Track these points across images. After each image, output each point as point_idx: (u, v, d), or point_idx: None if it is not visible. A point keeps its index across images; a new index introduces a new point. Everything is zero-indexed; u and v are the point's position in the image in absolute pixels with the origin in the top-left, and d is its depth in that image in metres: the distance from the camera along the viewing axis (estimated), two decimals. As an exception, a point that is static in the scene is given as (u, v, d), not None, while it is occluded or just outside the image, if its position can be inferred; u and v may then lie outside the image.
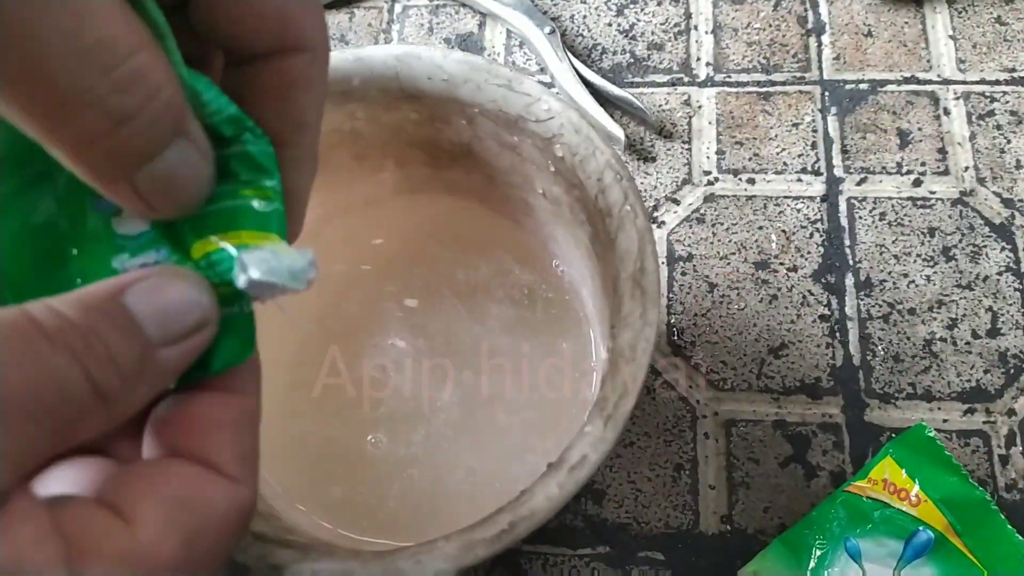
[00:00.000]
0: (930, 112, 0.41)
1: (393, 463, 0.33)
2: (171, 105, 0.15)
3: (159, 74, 0.14)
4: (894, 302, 0.38)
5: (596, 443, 0.23)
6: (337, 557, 0.23)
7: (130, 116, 0.14)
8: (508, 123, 0.29)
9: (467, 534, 0.22)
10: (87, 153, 0.14)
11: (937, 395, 0.36)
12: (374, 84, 0.29)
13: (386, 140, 0.32)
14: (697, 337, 0.38)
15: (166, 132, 0.15)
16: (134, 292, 0.15)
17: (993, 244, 0.38)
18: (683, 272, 0.39)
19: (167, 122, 0.15)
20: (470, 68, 0.28)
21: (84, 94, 0.13)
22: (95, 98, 0.13)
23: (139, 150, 0.14)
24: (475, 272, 0.36)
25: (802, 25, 0.44)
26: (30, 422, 0.13)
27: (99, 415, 0.14)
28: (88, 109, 0.13)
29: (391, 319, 0.35)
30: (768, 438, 0.36)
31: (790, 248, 0.39)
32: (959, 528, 0.32)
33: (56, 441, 0.14)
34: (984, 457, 0.35)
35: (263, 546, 0.23)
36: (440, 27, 0.47)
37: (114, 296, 0.15)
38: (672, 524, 0.35)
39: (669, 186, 0.41)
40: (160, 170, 0.15)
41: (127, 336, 0.15)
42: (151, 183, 0.15)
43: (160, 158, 0.15)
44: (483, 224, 0.35)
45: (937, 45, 0.43)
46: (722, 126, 0.42)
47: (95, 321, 0.14)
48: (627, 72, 0.44)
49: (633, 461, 0.36)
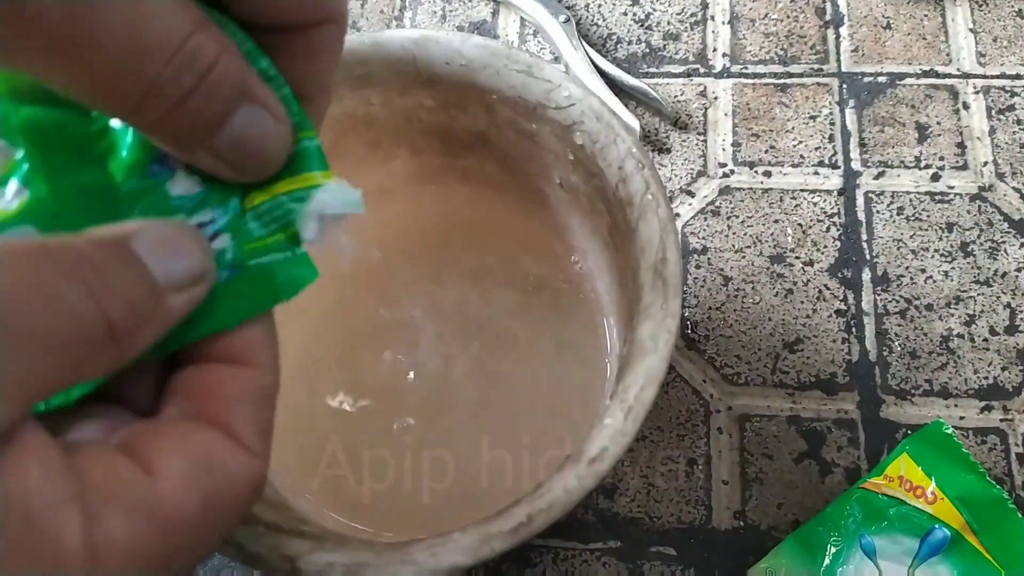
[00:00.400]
0: (949, 106, 0.41)
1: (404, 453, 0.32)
2: (228, 75, 0.16)
3: (212, 50, 0.15)
4: (911, 297, 0.37)
5: (616, 435, 0.22)
6: (351, 548, 0.23)
7: (189, 93, 0.15)
8: (527, 110, 0.28)
9: (484, 526, 0.22)
10: (162, 130, 0.16)
11: (954, 392, 0.35)
12: (390, 68, 0.29)
13: (400, 127, 0.32)
14: (711, 331, 0.37)
15: (229, 101, 0.16)
16: (140, 238, 0.15)
17: (1012, 240, 0.38)
18: (697, 265, 0.39)
19: (228, 92, 0.16)
20: (489, 53, 0.28)
21: (151, 84, 0.15)
22: (160, 85, 0.15)
23: (207, 121, 0.16)
24: (488, 262, 0.35)
25: (820, 16, 0.44)
26: (39, 353, 0.13)
27: (109, 352, 0.14)
28: (155, 96, 0.15)
29: (403, 308, 0.35)
30: (782, 434, 0.35)
31: (806, 242, 0.39)
32: (975, 526, 0.32)
33: (64, 377, 0.14)
34: (1001, 455, 0.34)
35: (276, 536, 0.23)
36: (453, 14, 0.46)
37: (121, 240, 0.15)
38: (685, 519, 0.34)
39: (684, 178, 0.41)
40: (232, 135, 0.16)
41: (137, 276, 0.15)
42: (227, 148, 0.16)
43: (229, 125, 0.16)
44: (498, 214, 0.35)
45: (957, 38, 0.42)
46: (738, 118, 0.42)
47: (108, 258, 0.14)
48: (642, 62, 0.43)
49: (646, 455, 0.35)
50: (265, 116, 0.16)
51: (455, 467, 0.32)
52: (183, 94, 0.15)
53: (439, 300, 0.35)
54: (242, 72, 0.16)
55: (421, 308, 0.35)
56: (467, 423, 0.33)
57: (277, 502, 0.27)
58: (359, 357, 0.34)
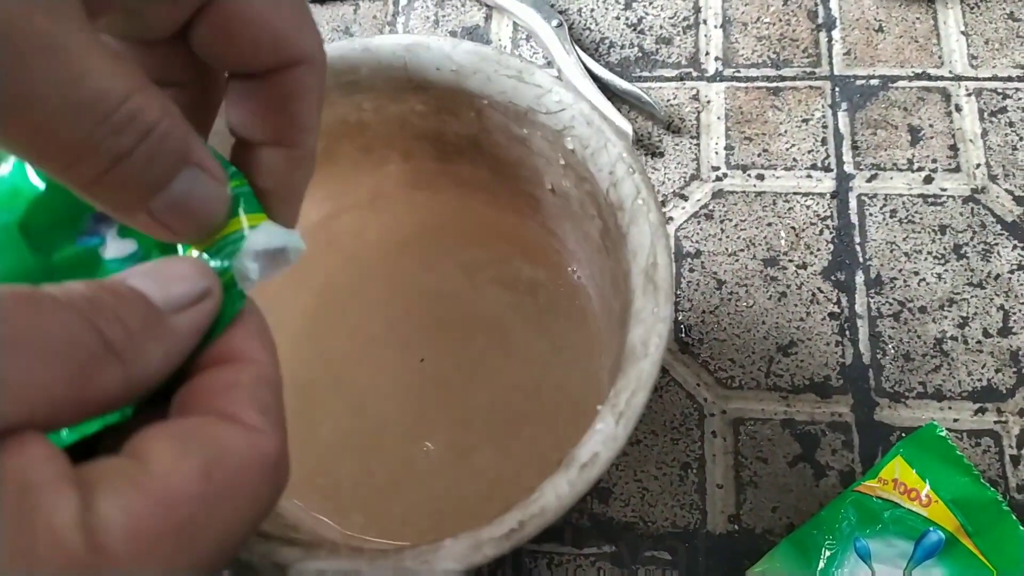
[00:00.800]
0: (941, 109, 0.41)
1: (397, 458, 0.32)
2: (169, 139, 0.16)
3: (154, 112, 0.15)
4: (904, 300, 0.37)
5: (608, 440, 0.22)
6: (343, 555, 0.23)
7: (127, 154, 0.15)
8: (518, 115, 0.28)
9: (475, 533, 0.22)
10: (98, 190, 0.15)
11: (948, 394, 0.35)
12: (381, 74, 0.29)
13: (392, 132, 0.32)
14: (705, 334, 0.37)
15: (170, 163, 0.16)
16: (135, 274, 0.16)
17: (1005, 242, 0.38)
18: (691, 269, 0.39)
19: (169, 154, 0.16)
20: (479, 58, 0.28)
21: (86, 141, 0.15)
22: (96, 143, 0.15)
23: (146, 182, 0.16)
24: (480, 267, 0.35)
25: (812, 20, 0.44)
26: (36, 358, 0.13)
27: (113, 368, 0.14)
28: (91, 154, 0.15)
29: (396, 311, 0.35)
30: (776, 437, 0.35)
31: (799, 245, 0.39)
32: (970, 529, 0.32)
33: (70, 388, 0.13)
34: (995, 457, 0.34)
35: (267, 543, 0.23)
36: (446, 20, 0.46)
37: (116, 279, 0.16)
38: (679, 523, 0.34)
39: (677, 181, 0.41)
40: (172, 198, 0.16)
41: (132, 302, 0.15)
42: (166, 210, 0.16)
43: (169, 188, 0.16)
44: (490, 219, 0.35)
45: (949, 41, 0.43)
46: (731, 121, 0.42)
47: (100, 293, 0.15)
48: (635, 66, 0.44)
49: (640, 459, 0.35)
50: (206, 179, 0.17)
51: (449, 471, 0.32)
52: (120, 154, 0.15)
53: (432, 302, 0.35)
54: (184, 134, 0.16)
55: (414, 311, 0.35)
56: (461, 427, 0.33)
57: (269, 509, 0.27)
58: (349, 361, 0.34)
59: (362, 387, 0.34)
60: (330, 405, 0.33)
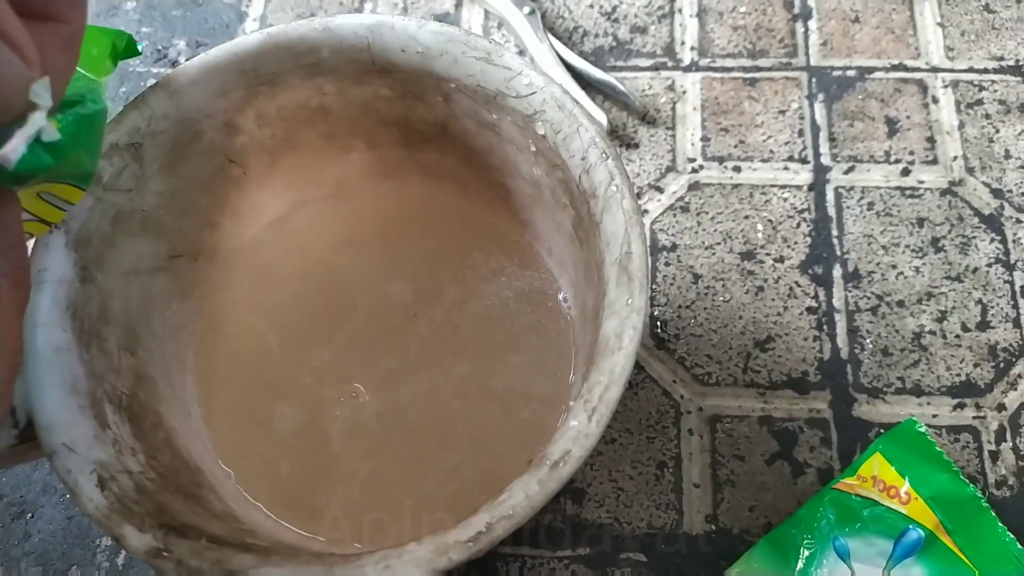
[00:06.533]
0: (918, 100, 0.40)
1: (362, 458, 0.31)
2: None
3: None
4: (882, 294, 0.37)
5: (579, 437, 0.21)
6: (300, 561, 0.21)
7: None
8: (487, 99, 0.27)
9: (440, 536, 0.21)
10: None
11: (926, 390, 0.35)
12: (343, 55, 0.27)
13: (355, 118, 0.31)
14: (681, 330, 0.36)
15: None
16: None
17: (982, 235, 0.37)
18: (667, 262, 0.38)
19: None
20: (446, 40, 0.27)
21: None
22: None
23: None
24: (448, 260, 0.34)
25: (788, 10, 0.43)
26: None
27: None
28: None
29: (360, 305, 0.33)
30: (754, 434, 0.34)
31: (776, 238, 0.38)
32: (950, 526, 0.31)
33: None
34: (974, 453, 0.34)
35: (219, 550, 0.21)
36: (415, 7, 0.45)
37: None
38: (655, 524, 0.33)
39: (652, 173, 0.40)
40: None
41: None
42: None
43: None
44: (459, 210, 0.34)
45: (925, 32, 0.42)
46: (707, 112, 0.41)
47: None
48: (609, 56, 0.43)
49: (615, 459, 0.34)
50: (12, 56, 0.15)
51: (418, 473, 0.31)
52: None
53: (395, 296, 0.33)
54: None
55: (378, 304, 0.33)
56: (427, 423, 0.31)
57: (224, 513, 0.26)
58: (312, 359, 0.32)
59: (326, 388, 0.32)
60: (293, 409, 0.32)
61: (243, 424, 0.31)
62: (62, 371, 0.23)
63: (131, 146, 0.26)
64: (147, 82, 0.45)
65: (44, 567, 0.34)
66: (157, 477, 0.24)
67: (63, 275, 0.25)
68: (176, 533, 0.22)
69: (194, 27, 0.46)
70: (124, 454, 0.23)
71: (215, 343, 0.32)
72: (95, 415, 0.24)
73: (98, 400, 0.24)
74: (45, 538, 0.35)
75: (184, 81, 0.27)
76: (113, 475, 0.22)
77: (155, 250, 0.29)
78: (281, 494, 0.30)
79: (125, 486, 0.22)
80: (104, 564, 0.34)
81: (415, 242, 0.34)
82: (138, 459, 0.24)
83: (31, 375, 0.23)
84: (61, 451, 0.22)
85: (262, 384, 0.32)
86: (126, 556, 0.34)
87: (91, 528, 0.35)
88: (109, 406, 0.24)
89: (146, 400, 0.27)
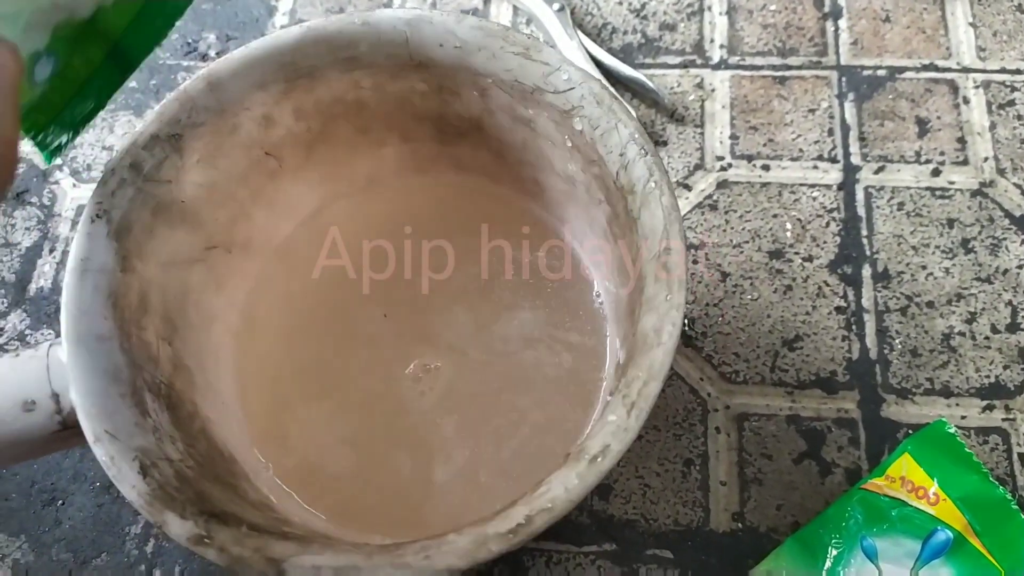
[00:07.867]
0: (949, 101, 0.40)
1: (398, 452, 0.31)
2: None
3: None
4: (912, 294, 0.36)
5: (618, 432, 0.21)
6: (338, 550, 0.21)
7: None
8: (524, 94, 0.27)
9: (480, 527, 0.21)
10: None
11: (955, 391, 0.35)
12: (382, 50, 0.27)
13: (391, 112, 0.31)
14: (709, 328, 0.36)
15: None
16: None
17: (1013, 236, 0.37)
18: (695, 260, 0.38)
19: None
20: (485, 35, 0.27)
21: None
22: None
23: None
24: (479, 255, 0.34)
25: (819, 8, 0.43)
26: None
27: None
28: None
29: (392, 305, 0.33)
30: (781, 433, 0.34)
31: (805, 237, 0.38)
32: (978, 528, 0.31)
33: None
34: (1003, 455, 0.34)
35: (259, 537, 0.22)
36: (444, 2, 0.45)
37: None
38: (681, 521, 0.33)
39: (681, 171, 0.40)
40: None
41: None
42: None
43: None
44: (491, 205, 0.34)
45: (957, 32, 0.42)
46: (736, 110, 0.41)
47: None
48: (638, 53, 0.43)
49: (641, 455, 0.34)
50: None
51: (449, 466, 0.31)
52: None
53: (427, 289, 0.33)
54: None
55: (409, 299, 0.33)
56: (461, 420, 0.31)
57: (260, 503, 0.26)
58: (344, 356, 0.33)
59: (356, 383, 0.32)
60: (325, 401, 0.32)
61: (277, 415, 0.31)
62: (104, 359, 0.24)
63: (172, 137, 0.27)
64: (177, 75, 0.45)
65: (74, 553, 0.34)
66: (196, 465, 0.24)
67: (104, 264, 0.25)
68: (217, 520, 0.22)
69: (224, 21, 0.46)
70: (164, 442, 0.24)
71: (248, 335, 0.32)
72: (136, 403, 0.24)
73: (138, 388, 0.24)
74: (75, 525, 0.35)
75: (224, 73, 0.27)
76: (155, 462, 0.23)
77: (192, 241, 0.29)
78: (318, 486, 0.30)
79: (166, 473, 0.23)
80: (133, 552, 0.34)
81: (447, 236, 0.34)
82: (177, 447, 0.24)
83: (73, 362, 0.23)
84: (104, 438, 0.22)
85: (296, 376, 0.32)
86: (155, 544, 0.34)
87: (120, 516, 0.35)
88: (149, 395, 0.25)
89: (183, 390, 0.27)
